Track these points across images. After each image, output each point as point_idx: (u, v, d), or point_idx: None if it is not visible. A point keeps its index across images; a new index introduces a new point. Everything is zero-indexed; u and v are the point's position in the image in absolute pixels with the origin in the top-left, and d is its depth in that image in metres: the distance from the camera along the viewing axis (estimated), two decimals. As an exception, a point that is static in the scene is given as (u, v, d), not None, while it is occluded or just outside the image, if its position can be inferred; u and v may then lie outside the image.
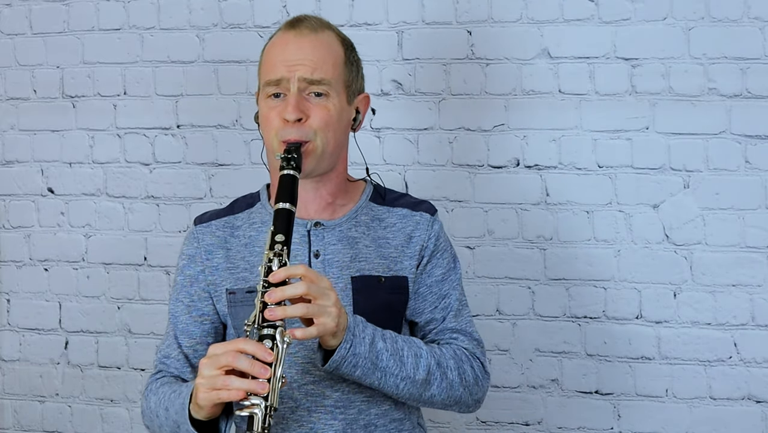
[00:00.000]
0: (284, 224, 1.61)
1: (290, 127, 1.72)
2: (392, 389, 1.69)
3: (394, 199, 1.89)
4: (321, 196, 1.81)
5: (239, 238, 1.83)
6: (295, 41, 1.75)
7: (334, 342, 1.61)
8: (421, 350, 1.72)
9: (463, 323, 1.85)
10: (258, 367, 1.51)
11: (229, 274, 1.80)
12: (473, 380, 1.79)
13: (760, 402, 2.50)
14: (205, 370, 1.54)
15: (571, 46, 2.57)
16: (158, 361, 1.85)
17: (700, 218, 2.52)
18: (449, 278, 1.85)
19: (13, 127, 2.95)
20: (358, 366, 1.64)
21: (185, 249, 1.87)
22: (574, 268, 2.59)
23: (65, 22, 2.89)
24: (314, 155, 1.74)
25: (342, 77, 1.77)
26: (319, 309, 1.56)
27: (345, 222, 1.81)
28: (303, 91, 1.73)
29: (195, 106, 2.81)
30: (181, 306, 1.84)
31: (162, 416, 1.71)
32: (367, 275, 1.77)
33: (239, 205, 1.89)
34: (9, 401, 2.98)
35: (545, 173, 2.60)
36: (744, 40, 2.47)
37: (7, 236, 2.96)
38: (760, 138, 2.48)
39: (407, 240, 1.82)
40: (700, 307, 2.52)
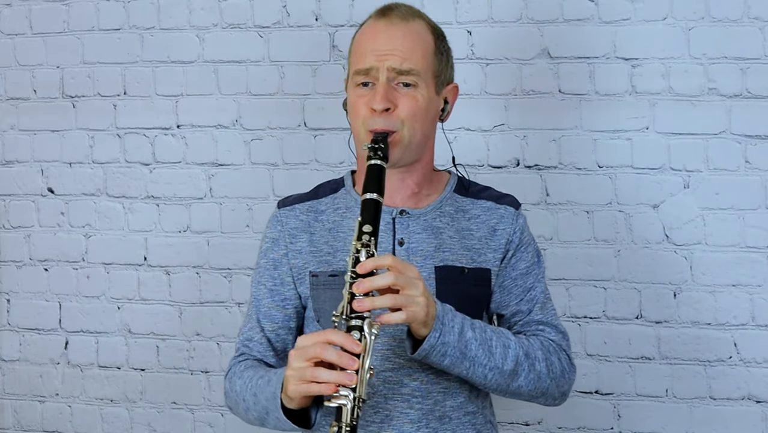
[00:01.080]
0: (372, 215, 1.60)
1: (378, 116, 1.71)
2: (480, 378, 1.69)
3: (478, 191, 1.88)
4: (407, 185, 1.80)
5: (323, 222, 1.82)
6: (386, 30, 1.75)
7: (424, 331, 1.60)
8: (509, 341, 1.71)
9: (549, 315, 1.84)
10: (346, 358, 1.51)
11: (312, 257, 1.80)
12: (560, 372, 1.78)
13: (760, 402, 2.50)
14: (295, 362, 1.55)
15: (571, 46, 2.57)
16: (240, 343, 1.84)
17: (700, 217, 2.52)
18: (533, 271, 1.85)
19: (13, 127, 2.95)
20: (447, 355, 1.63)
21: (268, 232, 1.86)
22: (574, 268, 2.59)
23: (65, 22, 2.89)
24: (401, 145, 1.73)
25: (431, 67, 1.76)
26: (407, 299, 1.56)
27: (430, 211, 1.81)
28: (392, 81, 1.72)
29: (195, 106, 2.81)
30: (263, 289, 1.84)
31: (250, 400, 1.72)
32: (450, 265, 1.77)
33: (323, 190, 1.88)
34: (9, 401, 2.98)
35: (545, 173, 2.60)
36: (744, 40, 2.47)
37: (7, 236, 2.96)
38: (760, 138, 2.48)
39: (491, 233, 1.82)
40: (700, 307, 2.52)
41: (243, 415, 1.78)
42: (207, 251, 2.80)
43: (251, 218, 2.77)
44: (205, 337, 2.81)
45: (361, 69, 1.74)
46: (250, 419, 1.77)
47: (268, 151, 2.76)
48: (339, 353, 1.52)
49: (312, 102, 2.73)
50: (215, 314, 2.80)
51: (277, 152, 2.75)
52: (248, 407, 1.73)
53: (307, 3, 2.72)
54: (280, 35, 2.74)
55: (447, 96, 1.84)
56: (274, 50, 2.75)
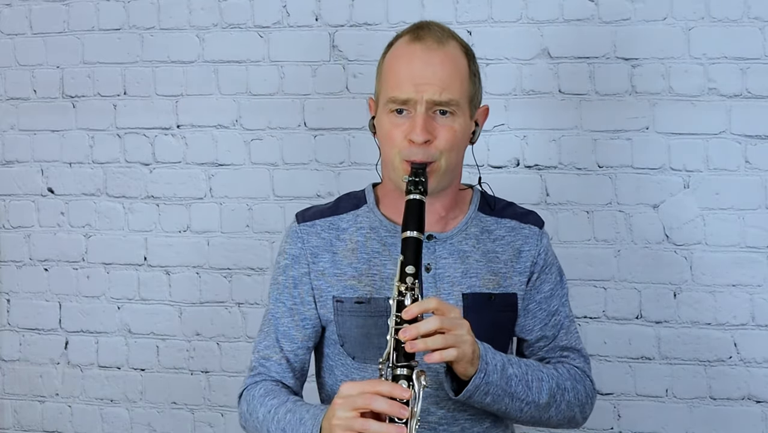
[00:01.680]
0: (413, 255, 1.56)
1: (416, 147, 1.66)
2: (516, 412, 1.68)
3: (502, 208, 1.84)
4: (435, 210, 1.76)
5: (345, 242, 1.77)
6: (423, 56, 1.68)
7: (471, 370, 1.58)
8: (542, 374, 1.71)
9: (573, 340, 1.83)
10: (397, 408, 1.47)
11: (336, 280, 1.75)
12: (585, 398, 1.79)
13: (760, 402, 2.50)
14: (340, 411, 1.50)
15: (571, 46, 2.57)
16: (256, 362, 1.79)
17: (700, 217, 2.52)
18: (557, 294, 1.83)
19: (13, 127, 2.95)
20: (489, 393, 1.62)
21: (288, 248, 1.80)
22: (574, 268, 2.58)
23: (65, 22, 2.89)
24: (437, 174, 1.69)
25: (467, 93, 1.72)
26: (456, 339, 1.53)
27: (456, 234, 1.78)
28: (429, 110, 1.67)
29: (195, 106, 2.81)
30: (282, 308, 1.78)
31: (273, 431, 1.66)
32: (477, 293, 1.74)
33: (344, 206, 1.82)
34: (9, 401, 2.98)
35: (545, 173, 2.60)
36: (744, 40, 2.47)
37: (7, 236, 2.96)
38: (760, 138, 2.48)
39: (516, 255, 1.79)
40: (700, 307, 2.52)
41: None
42: (207, 251, 2.80)
43: (251, 218, 2.77)
44: (205, 337, 2.81)
45: (398, 98, 1.68)
46: None
47: (268, 151, 2.76)
48: (390, 402, 1.47)
49: (312, 102, 2.72)
50: (215, 314, 2.80)
51: (277, 152, 2.75)
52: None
53: (307, 3, 2.72)
54: (280, 35, 2.74)
55: (478, 119, 1.80)
56: (274, 50, 2.75)
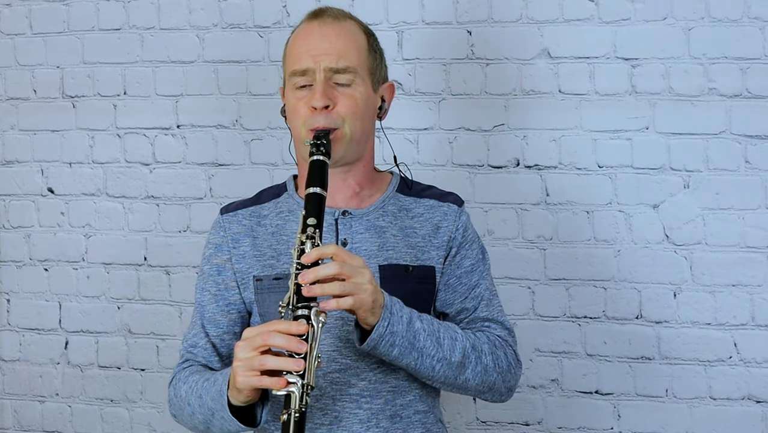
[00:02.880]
0: (316, 208, 1.62)
1: (318, 114, 1.73)
2: (428, 370, 1.69)
3: (421, 190, 1.89)
4: (349, 185, 1.82)
5: (266, 227, 1.83)
6: (319, 30, 1.78)
7: (372, 319, 1.61)
8: (456, 333, 1.72)
9: (494, 312, 1.85)
10: (294, 342, 1.51)
11: (256, 261, 1.80)
12: (506, 366, 1.79)
13: (760, 402, 2.50)
14: (241, 352, 1.55)
15: (571, 46, 2.57)
16: (185, 350, 1.84)
17: (700, 217, 2.52)
18: (478, 269, 1.85)
19: (13, 127, 2.95)
20: (396, 345, 1.63)
21: (211, 238, 1.87)
22: (574, 268, 2.59)
23: (65, 22, 2.89)
24: (343, 142, 1.75)
25: (366, 65, 1.79)
26: (354, 287, 1.56)
27: (372, 211, 1.82)
28: (329, 80, 1.74)
29: (195, 106, 2.81)
30: (207, 295, 1.84)
31: (194, 403, 1.71)
32: (394, 264, 1.77)
33: (266, 195, 1.90)
34: (9, 401, 2.98)
35: (545, 173, 2.60)
36: (744, 40, 2.47)
37: (7, 236, 2.97)
38: (760, 138, 2.48)
39: (435, 230, 1.83)
40: (700, 307, 2.52)
41: (188, 421, 1.76)
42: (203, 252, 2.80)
43: (251, 218, 2.77)
44: (205, 337, 2.81)
45: (297, 70, 1.76)
46: (195, 425, 1.75)
47: (268, 151, 2.76)
48: (287, 337, 1.52)
49: (312, 102, 2.72)
50: (215, 314, 2.80)
51: (277, 152, 2.75)
52: (193, 411, 1.72)
53: (307, 3, 2.72)
54: (280, 35, 2.73)
55: (384, 94, 1.86)
56: (274, 50, 2.75)
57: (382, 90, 1.85)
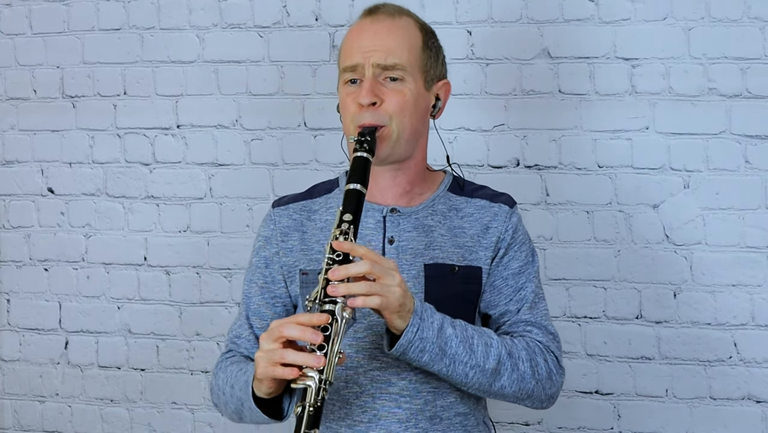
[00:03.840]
0: (353, 204, 1.61)
1: (365, 111, 1.71)
2: (461, 377, 1.66)
3: (474, 190, 1.87)
4: (399, 183, 1.80)
5: (315, 222, 1.82)
6: (371, 27, 1.76)
7: (400, 324, 1.59)
8: (491, 340, 1.69)
9: (537, 316, 1.80)
10: (309, 333, 1.50)
11: (303, 255, 1.79)
12: (546, 373, 1.74)
13: (760, 402, 2.50)
14: (264, 343, 1.55)
15: (571, 46, 2.57)
16: (229, 340, 1.85)
17: (700, 218, 2.52)
18: (526, 271, 1.81)
19: (13, 127, 2.95)
20: (426, 351, 1.61)
21: (262, 231, 1.86)
22: (574, 268, 2.59)
23: (65, 22, 2.89)
24: (390, 140, 1.73)
25: (418, 62, 1.76)
26: (382, 288, 1.54)
27: (422, 210, 1.80)
28: (378, 77, 1.73)
29: (195, 106, 2.81)
30: (254, 287, 1.84)
31: (228, 393, 1.72)
32: (440, 263, 1.75)
33: (318, 190, 1.89)
34: (9, 401, 2.98)
35: (545, 173, 2.60)
36: (744, 40, 2.47)
37: (7, 236, 2.97)
38: (760, 138, 2.48)
39: (484, 231, 1.80)
40: (700, 307, 2.52)
41: (224, 409, 1.77)
42: (207, 251, 2.80)
43: (251, 218, 2.77)
44: (205, 337, 2.81)
45: (347, 66, 1.75)
46: (230, 414, 1.75)
47: (268, 151, 2.76)
48: (301, 328, 1.51)
49: (312, 102, 2.73)
50: (215, 314, 2.80)
51: (277, 152, 2.75)
52: (227, 401, 1.73)
53: (307, 3, 2.72)
54: (280, 35, 2.74)
55: (439, 93, 1.83)
56: (274, 50, 2.75)
57: (436, 88, 1.82)
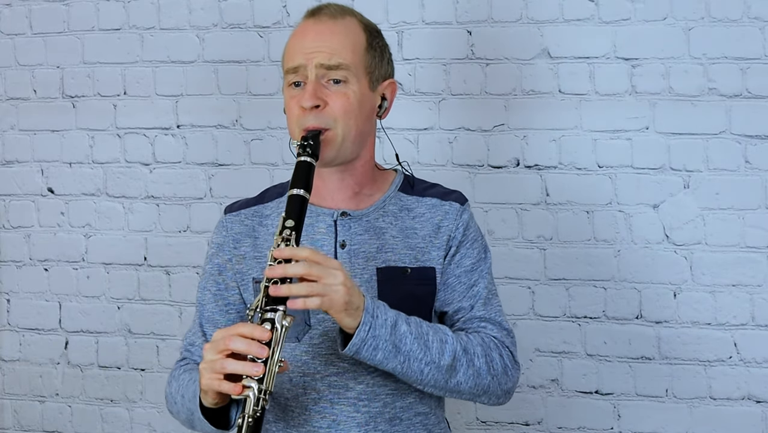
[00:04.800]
0: (296, 210, 1.59)
1: (309, 114, 1.69)
2: (416, 374, 1.64)
3: (424, 189, 1.84)
4: (347, 185, 1.78)
5: (267, 227, 1.81)
6: (314, 28, 1.73)
7: (350, 322, 1.57)
8: (446, 336, 1.68)
9: (492, 312, 1.79)
10: (255, 347, 1.50)
11: (255, 263, 1.78)
12: (502, 369, 1.74)
13: (760, 402, 2.50)
14: (207, 354, 1.54)
15: (571, 46, 2.57)
16: (183, 348, 1.84)
17: (700, 218, 2.52)
18: (478, 268, 1.80)
19: (13, 127, 2.95)
20: (379, 349, 1.60)
21: (214, 238, 1.85)
22: (574, 268, 2.59)
23: (65, 22, 2.89)
24: (335, 143, 1.70)
25: (363, 62, 1.73)
26: (324, 288, 1.53)
27: (372, 212, 1.78)
28: (321, 79, 1.70)
29: (195, 106, 2.81)
30: (208, 294, 1.82)
31: (179, 402, 1.71)
32: (392, 266, 1.74)
33: (270, 195, 1.87)
34: (9, 401, 2.98)
35: (545, 173, 2.60)
36: (744, 40, 2.47)
37: (7, 236, 2.96)
38: (760, 138, 2.48)
39: (435, 230, 1.78)
40: (700, 307, 2.52)
41: (177, 417, 1.76)
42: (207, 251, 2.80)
43: (251, 218, 2.77)
44: (205, 337, 2.81)
45: (290, 68, 1.72)
46: (183, 422, 1.74)
47: (268, 151, 2.76)
48: (248, 342, 1.50)
49: (312, 102, 2.72)
50: (215, 314, 2.80)
51: (277, 152, 2.75)
52: (178, 409, 1.73)
53: (307, 3, 2.70)
54: (280, 35, 2.74)
55: (385, 92, 1.80)
56: (274, 50, 2.75)
57: (381, 88, 1.79)
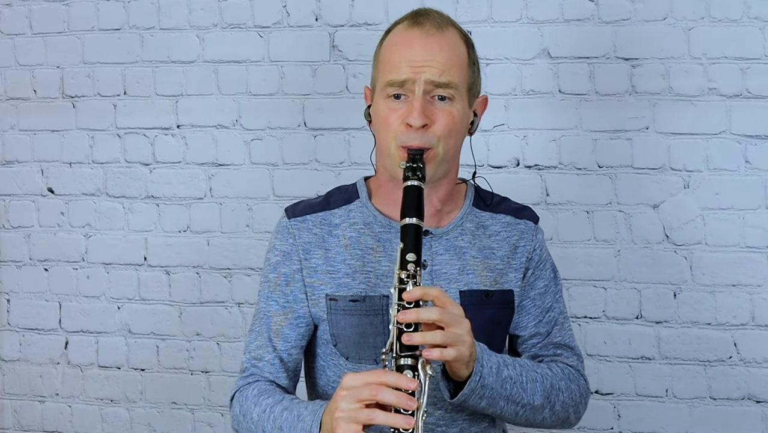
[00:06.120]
0: (414, 242, 1.52)
1: (413, 132, 1.61)
2: (511, 415, 1.63)
3: (497, 203, 1.81)
4: (431, 202, 1.70)
5: (338, 238, 1.72)
6: (421, 40, 1.64)
7: (464, 372, 1.54)
8: (536, 375, 1.66)
9: (566, 338, 1.79)
10: (404, 399, 1.42)
11: (329, 278, 1.70)
12: (579, 398, 1.74)
13: (760, 402, 2.50)
14: (344, 403, 1.45)
15: (571, 46, 2.57)
16: (248, 363, 1.73)
17: (700, 218, 2.52)
18: (551, 290, 1.79)
19: (13, 127, 2.95)
20: (485, 397, 1.57)
21: (278, 244, 1.74)
22: (574, 268, 2.59)
23: (65, 22, 2.89)
24: (435, 162, 1.64)
25: (466, 80, 1.67)
26: (455, 337, 1.48)
27: (452, 230, 1.74)
28: (427, 94, 1.63)
29: (195, 106, 2.81)
30: (275, 306, 1.73)
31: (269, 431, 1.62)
32: (474, 290, 1.71)
33: (335, 200, 1.77)
34: (9, 401, 2.98)
35: (545, 173, 2.60)
36: (744, 40, 2.47)
37: (7, 236, 2.96)
38: (760, 138, 2.48)
39: (512, 251, 1.75)
40: (700, 307, 2.52)
41: None
42: (207, 251, 2.80)
43: (251, 218, 2.77)
44: (205, 337, 2.81)
45: (395, 81, 1.63)
46: None
47: (268, 151, 2.76)
48: (397, 393, 1.42)
49: (312, 102, 2.73)
50: (215, 314, 2.80)
51: (277, 152, 2.75)
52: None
53: (307, 3, 2.72)
54: (280, 35, 2.74)
55: (477, 109, 1.75)
56: (274, 50, 2.75)
57: (475, 104, 1.73)
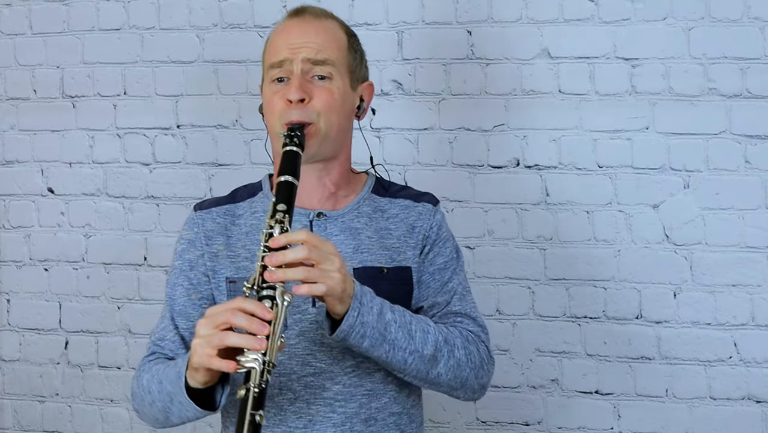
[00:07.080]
0: (286, 195, 1.59)
1: (293, 108, 1.71)
2: (400, 363, 1.66)
3: (397, 191, 1.88)
4: (324, 185, 1.80)
5: (240, 226, 1.81)
6: (299, 26, 1.77)
7: (341, 309, 1.57)
8: (428, 326, 1.70)
9: (467, 307, 1.82)
10: (257, 324, 1.47)
11: (229, 262, 1.77)
12: (479, 362, 1.76)
13: (760, 402, 2.50)
14: (202, 329, 1.50)
15: (571, 46, 2.57)
16: (152, 344, 1.80)
17: (700, 217, 2.52)
18: (451, 266, 1.83)
19: (13, 127, 2.95)
20: (366, 336, 1.60)
21: (184, 234, 1.84)
22: (574, 268, 2.59)
23: (65, 22, 2.89)
24: (317, 137, 1.73)
25: (345, 61, 1.78)
26: (321, 273, 1.52)
27: (347, 213, 1.80)
28: (307, 74, 1.73)
29: (195, 106, 2.81)
30: (180, 289, 1.80)
31: (155, 390, 1.67)
32: (369, 266, 1.76)
33: (240, 194, 1.88)
34: (9, 401, 2.98)
35: (545, 173, 2.60)
36: (744, 40, 2.47)
37: (7, 236, 2.97)
38: (760, 138, 2.48)
39: (410, 230, 1.81)
40: (700, 307, 2.52)
41: (149, 411, 1.71)
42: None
43: (251, 218, 2.77)
44: (205, 337, 2.81)
45: (275, 62, 1.74)
46: (155, 415, 1.70)
47: (268, 151, 2.76)
48: (249, 318, 1.47)
49: (312, 102, 2.72)
50: (215, 314, 2.80)
51: (277, 152, 2.75)
52: (153, 399, 1.67)
53: (307, 2, 2.71)
54: (280, 35, 2.73)
55: (363, 94, 1.84)
56: (274, 50, 2.75)
57: (361, 89, 1.83)
